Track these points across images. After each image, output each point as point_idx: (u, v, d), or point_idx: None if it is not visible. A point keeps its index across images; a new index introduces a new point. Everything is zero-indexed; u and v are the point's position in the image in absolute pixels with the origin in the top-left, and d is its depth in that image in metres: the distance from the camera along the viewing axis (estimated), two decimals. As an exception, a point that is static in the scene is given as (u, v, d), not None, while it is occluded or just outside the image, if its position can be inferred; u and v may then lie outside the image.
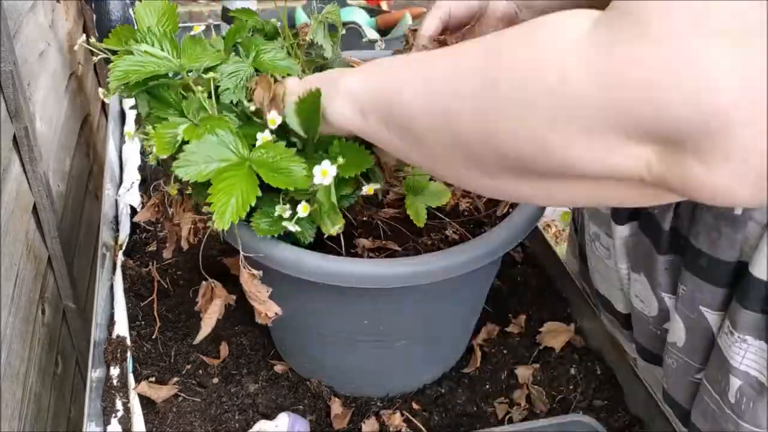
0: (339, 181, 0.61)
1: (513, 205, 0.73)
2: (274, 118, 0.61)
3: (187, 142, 0.60)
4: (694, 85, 0.32)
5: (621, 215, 0.74)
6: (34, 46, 1.19)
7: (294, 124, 0.61)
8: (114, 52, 0.66)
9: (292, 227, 0.62)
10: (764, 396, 0.63)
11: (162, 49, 0.64)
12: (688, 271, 0.66)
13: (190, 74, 0.64)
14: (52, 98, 1.26)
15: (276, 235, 0.64)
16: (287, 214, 0.62)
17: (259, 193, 0.58)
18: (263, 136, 0.61)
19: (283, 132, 0.62)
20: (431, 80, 0.48)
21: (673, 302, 0.71)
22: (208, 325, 0.71)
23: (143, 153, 1.15)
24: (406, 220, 0.71)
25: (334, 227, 0.62)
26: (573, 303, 0.92)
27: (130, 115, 1.29)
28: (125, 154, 1.20)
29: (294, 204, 0.62)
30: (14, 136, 1.00)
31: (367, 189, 0.64)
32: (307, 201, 0.62)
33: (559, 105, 0.37)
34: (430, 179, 0.71)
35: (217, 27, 1.44)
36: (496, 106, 0.41)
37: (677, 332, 0.70)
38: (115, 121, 1.28)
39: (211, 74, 0.63)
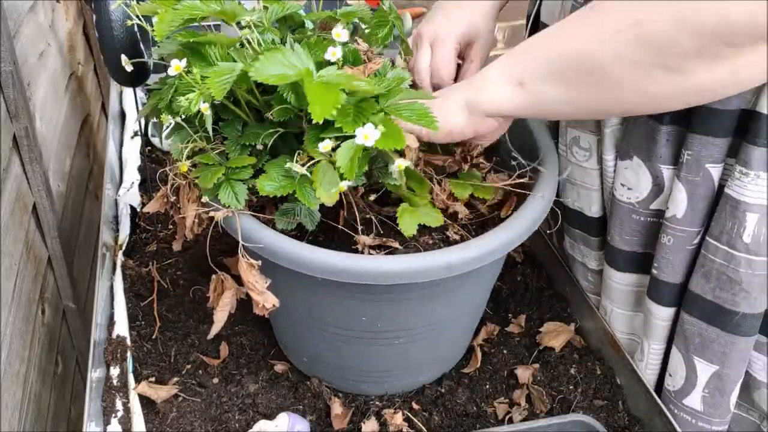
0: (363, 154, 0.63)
1: (515, 208, 0.73)
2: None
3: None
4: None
5: None
6: (34, 46, 1.19)
7: None
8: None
9: (296, 168, 0.64)
10: None
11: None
12: (695, 133, 0.70)
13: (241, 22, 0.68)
14: (52, 98, 1.26)
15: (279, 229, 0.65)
16: (297, 167, 0.64)
17: (341, 98, 0.61)
18: (333, 51, 0.67)
19: None
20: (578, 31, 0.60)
21: (670, 173, 0.75)
22: (220, 319, 0.72)
23: (143, 153, 1.15)
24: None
25: (330, 191, 0.63)
26: (573, 303, 0.92)
27: (130, 115, 1.29)
28: (125, 154, 1.20)
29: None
30: (14, 136, 1.00)
31: (398, 165, 0.66)
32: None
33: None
34: (432, 195, 0.72)
35: (217, 26, 1.44)
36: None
37: (678, 203, 0.74)
38: (115, 121, 1.28)
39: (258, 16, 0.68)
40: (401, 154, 0.66)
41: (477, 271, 0.66)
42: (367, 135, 0.61)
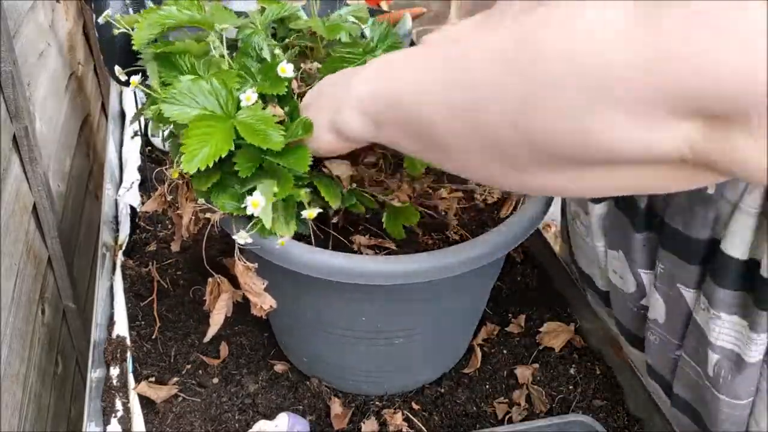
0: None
1: (515, 208, 0.73)
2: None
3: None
4: (745, 59, 0.31)
5: None
6: (34, 46, 1.19)
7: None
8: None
9: (244, 234, 0.62)
10: (741, 369, 0.64)
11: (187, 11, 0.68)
12: (665, 249, 0.67)
13: (215, 33, 0.67)
14: (52, 98, 1.26)
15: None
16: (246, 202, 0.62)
17: (231, 147, 0.58)
18: (248, 96, 0.61)
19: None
20: (452, 77, 0.45)
21: (649, 278, 0.72)
22: (217, 321, 0.72)
23: (143, 153, 1.15)
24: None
25: (286, 228, 0.62)
26: (573, 303, 0.92)
27: (130, 115, 1.29)
28: (125, 154, 1.20)
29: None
30: (14, 136, 1.00)
31: (308, 214, 0.63)
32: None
33: (601, 87, 0.36)
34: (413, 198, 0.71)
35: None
36: (531, 97, 0.39)
37: (657, 309, 0.71)
38: (115, 121, 1.28)
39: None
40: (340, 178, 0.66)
41: (477, 271, 0.66)
42: (256, 203, 0.59)
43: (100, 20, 0.74)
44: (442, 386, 0.82)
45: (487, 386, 0.83)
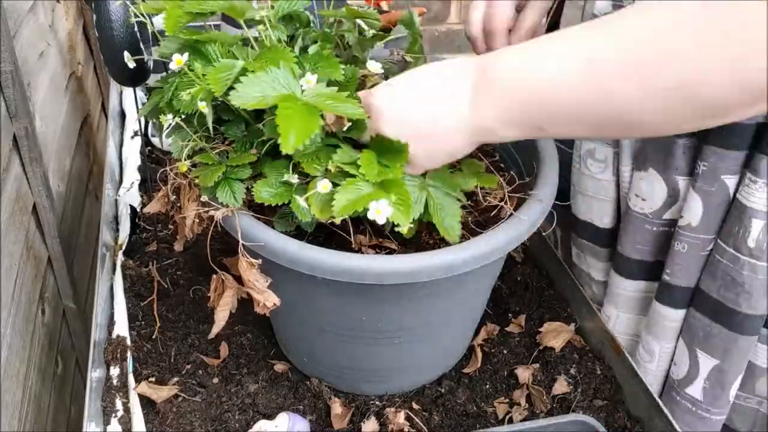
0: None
1: (516, 208, 0.73)
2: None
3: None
4: None
5: None
6: (34, 46, 1.19)
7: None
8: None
9: (302, 202, 0.62)
10: None
11: None
12: (711, 145, 0.71)
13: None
14: (52, 98, 1.26)
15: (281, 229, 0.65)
16: (294, 179, 0.63)
17: (320, 124, 0.59)
18: (308, 79, 0.62)
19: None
20: (649, 50, 0.49)
21: (685, 183, 0.77)
22: (221, 318, 0.72)
23: (143, 153, 1.15)
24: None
25: (324, 214, 0.62)
26: (573, 303, 0.92)
27: (130, 115, 1.29)
28: (125, 154, 1.20)
29: (301, 179, 0.64)
30: (14, 136, 1.00)
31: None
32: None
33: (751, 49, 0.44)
34: None
35: (217, 26, 1.44)
36: (751, 44, 0.45)
37: (693, 211, 0.75)
38: (115, 121, 1.28)
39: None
40: None
41: (477, 271, 0.66)
42: (380, 210, 0.59)
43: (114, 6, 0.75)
44: (443, 386, 0.82)
45: (488, 386, 0.83)
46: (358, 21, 0.77)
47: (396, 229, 0.61)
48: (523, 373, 0.83)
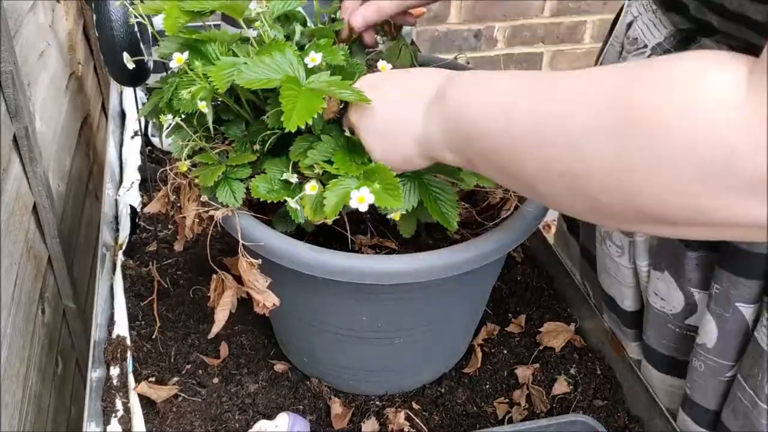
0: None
1: (516, 208, 0.73)
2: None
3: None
4: None
5: None
6: (34, 46, 1.19)
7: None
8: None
9: (294, 204, 0.63)
10: None
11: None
12: (723, 269, 0.66)
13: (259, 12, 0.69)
14: (52, 98, 1.26)
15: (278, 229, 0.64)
16: (294, 179, 0.63)
17: (322, 106, 0.59)
18: (312, 57, 0.64)
19: None
20: (543, 130, 0.44)
21: (702, 297, 0.70)
22: (221, 318, 0.72)
23: (143, 153, 1.15)
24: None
25: (317, 216, 0.63)
26: (573, 303, 0.92)
27: (130, 115, 1.29)
28: (125, 154, 1.20)
29: (300, 178, 0.64)
30: (14, 136, 0.99)
31: (394, 216, 0.65)
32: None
33: (720, 171, 0.36)
34: None
35: (217, 26, 1.44)
36: (640, 165, 0.39)
37: (708, 333, 0.69)
38: (115, 121, 1.28)
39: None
40: None
41: (477, 271, 0.66)
42: (362, 198, 0.59)
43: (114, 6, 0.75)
44: (443, 386, 0.82)
45: (488, 386, 0.83)
46: None
47: (388, 216, 0.62)
48: (523, 373, 0.83)
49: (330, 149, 0.64)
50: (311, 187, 0.62)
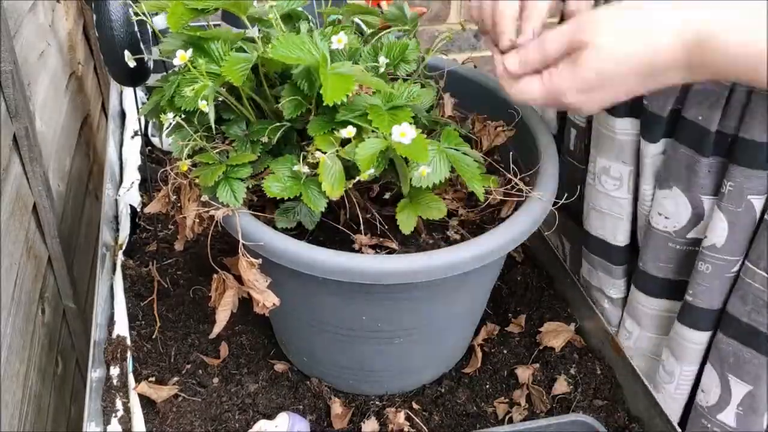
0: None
1: (516, 208, 0.73)
2: None
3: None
4: None
5: (654, 133, 0.76)
6: (34, 46, 1.19)
7: None
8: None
9: (305, 168, 0.64)
10: None
11: None
12: (738, 165, 0.70)
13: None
14: (52, 98, 1.26)
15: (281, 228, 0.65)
16: (305, 169, 0.64)
17: (354, 87, 0.61)
18: (339, 38, 0.66)
19: None
20: None
21: (710, 203, 0.75)
22: (223, 318, 0.72)
23: (143, 153, 1.15)
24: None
25: (335, 191, 0.63)
26: (573, 303, 0.92)
27: (130, 115, 1.29)
28: (125, 154, 1.20)
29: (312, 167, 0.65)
30: (14, 136, 0.99)
31: (422, 172, 0.65)
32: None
33: None
34: (436, 192, 0.71)
35: (217, 26, 1.44)
36: None
37: (718, 232, 0.73)
38: (115, 121, 1.28)
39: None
40: None
41: (477, 271, 0.66)
42: (404, 133, 0.60)
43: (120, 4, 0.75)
44: (443, 386, 0.82)
45: (488, 386, 0.83)
46: (357, 20, 0.77)
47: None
48: (523, 373, 0.83)
49: (360, 107, 0.65)
50: (348, 132, 0.63)
